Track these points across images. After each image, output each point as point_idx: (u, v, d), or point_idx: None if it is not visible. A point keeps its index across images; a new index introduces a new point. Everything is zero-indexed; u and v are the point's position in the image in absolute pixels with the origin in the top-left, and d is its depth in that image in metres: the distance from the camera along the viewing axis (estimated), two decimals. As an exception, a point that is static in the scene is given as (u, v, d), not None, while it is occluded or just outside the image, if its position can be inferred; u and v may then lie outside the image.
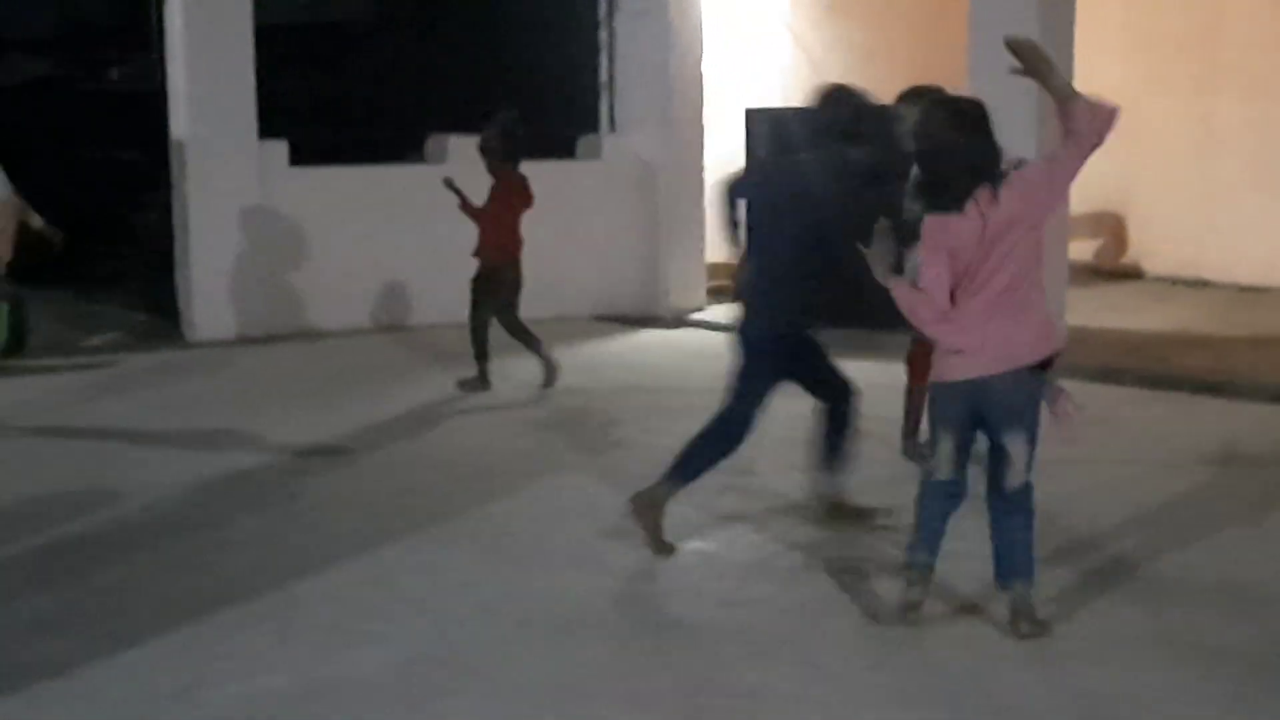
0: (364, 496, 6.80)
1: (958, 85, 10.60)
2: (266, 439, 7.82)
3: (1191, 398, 8.54)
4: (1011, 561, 4.98)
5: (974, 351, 4.86)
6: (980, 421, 4.93)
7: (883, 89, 12.73)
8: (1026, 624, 4.91)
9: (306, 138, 11.07)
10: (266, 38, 10.84)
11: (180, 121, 10.70)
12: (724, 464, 7.16)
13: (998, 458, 4.93)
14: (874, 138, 5.38)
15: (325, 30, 11.57)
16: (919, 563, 5.05)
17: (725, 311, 11.80)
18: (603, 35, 12.04)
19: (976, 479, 5.10)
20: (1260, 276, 12.15)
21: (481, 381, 8.83)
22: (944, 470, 5.00)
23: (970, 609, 5.18)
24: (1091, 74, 10.68)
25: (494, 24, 11.36)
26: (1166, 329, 10.49)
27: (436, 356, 9.75)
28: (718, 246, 12.14)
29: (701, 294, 12.17)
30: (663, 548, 5.76)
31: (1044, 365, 4.88)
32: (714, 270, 12.36)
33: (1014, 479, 4.90)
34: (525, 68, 11.25)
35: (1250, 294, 12.05)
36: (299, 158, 10.96)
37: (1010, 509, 4.96)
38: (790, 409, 8.46)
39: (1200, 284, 12.07)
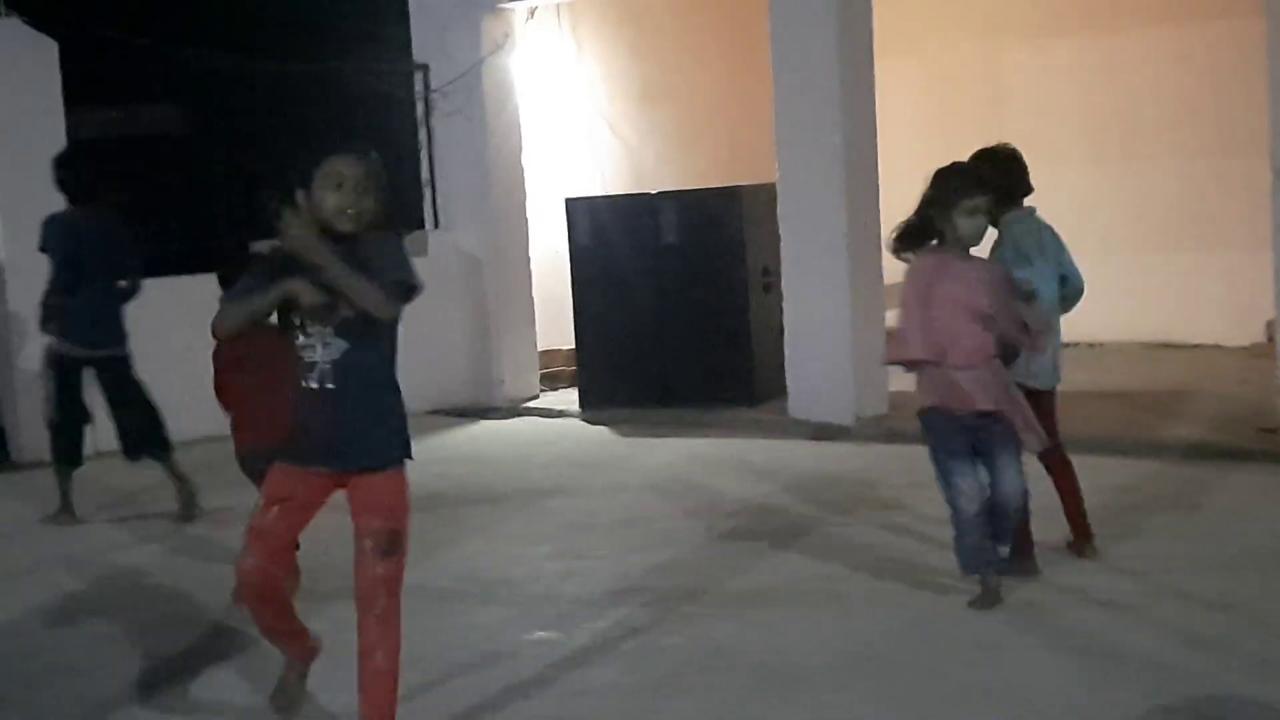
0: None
1: (764, 171, 11.01)
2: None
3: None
4: None
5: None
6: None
7: (694, 175, 13.20)
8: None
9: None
10: (80, 152, 10.77)
11: (-2, 241, 10.57)
12: (567, 548, 7.31)
13: None
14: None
15: (138, 143, 11.55)
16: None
17: (559, 398, 12.01)
18: (421, 135, 12.21)
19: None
20: (1065, 333, 12.69)
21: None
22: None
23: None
24: (895, 149, 11.23)
25: (311, 130, 11.44)
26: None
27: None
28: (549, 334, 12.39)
29: (535, 382, 12.32)
30: None
31: None
32: (546, 358, 12.55)
33: None
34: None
35: (1081, 349, 12.63)
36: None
37: None
38: (628, 490, 8.66)
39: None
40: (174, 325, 11.02)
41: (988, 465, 5.92)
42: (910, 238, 5.90)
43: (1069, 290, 6.65)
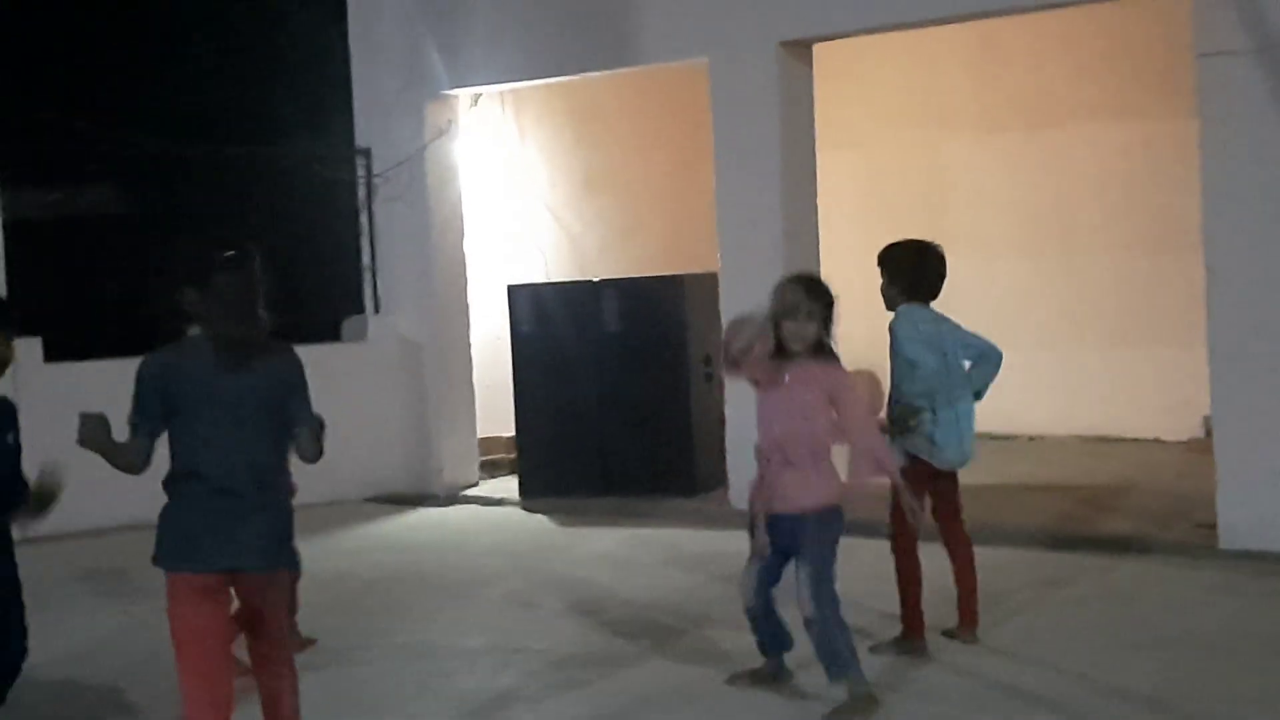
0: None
1: (706, 260, 11.04)
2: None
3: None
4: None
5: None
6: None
7: (637, 263, 13.23)
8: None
9: (62, 333, 10.86)
10: (15, 234, 10.69)
11: (-73, 321, 10.38)
12: (503, 640, 7.21)
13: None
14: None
15: (77, 224, 11.45)
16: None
17: (499, 485, 11.90)
18: (363, 219, 12.17)
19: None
20: (1004, 425, 12.84)
21: None
22: None
23: None
24: (835, 239, 11.29)
25: (252, 210, 11.39)
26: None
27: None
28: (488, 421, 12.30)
29: (474, 469, 12.21)
30: None
31: None
32: (486, 445, 12.45)
33: None
34: (285, 253, 11.27)
35: (997, 441, 12.73)
36: (54, 353, 10.74)
37: None
38: (566, 580, 8.56)
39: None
40: (114, 407, 10.87)
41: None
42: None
43: (985, 362, 6.77)
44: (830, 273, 10.01)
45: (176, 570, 4.64)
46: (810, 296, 5.90)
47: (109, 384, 10.92)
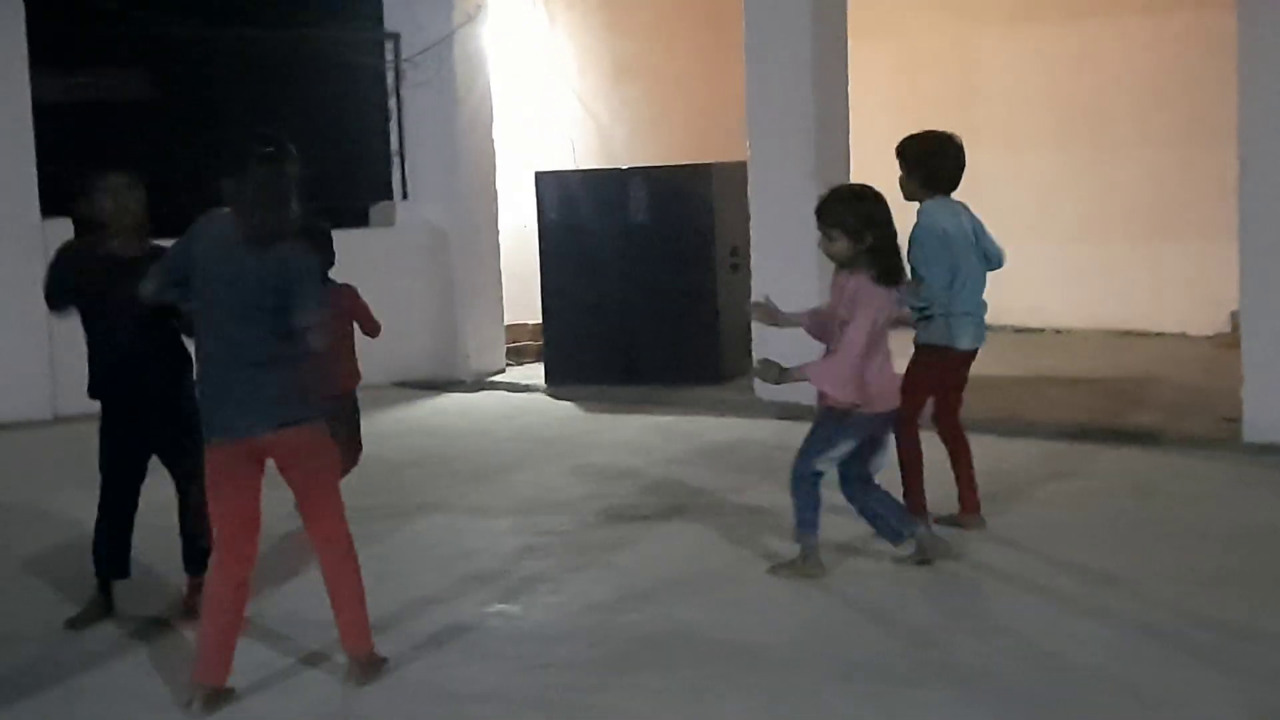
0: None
1: (735, 149, 11.00)
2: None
3: (979, 437, 8.82)
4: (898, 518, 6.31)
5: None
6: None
7: (665, 152, 13.18)
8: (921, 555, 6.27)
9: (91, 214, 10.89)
10: (45, 116, 10.70)
11: (-40, 202, 10.47)
12: (527, 523, 7.32)
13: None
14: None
15: (105, 107, 11.43)
16: (812, 541, 6.20)
17: (525, 373, 11.97)
18: (391, 105, 12.13)
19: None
20: (1030, 319, 12.84)
21: None
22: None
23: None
24: (865, 126, 11.20)
25: (280, 96, 11.36)
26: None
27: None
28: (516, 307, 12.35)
29: (501, 356, 12.28)
30: None
31: None
32: (512, 332, 12.51)
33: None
34: (314, 139, 11.26)
35: (1023, 335, 12.75)
36: (84, 234, 10.78)
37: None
38: (590, 466, 8.66)
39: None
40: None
41: None
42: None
43: (990, 266, 6.98)
44: (860, 163, 10.08)
45: (208, 442, 5.05)
46: (819, 220, 6.11)
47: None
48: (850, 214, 6.05)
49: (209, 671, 5.01)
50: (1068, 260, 12.80)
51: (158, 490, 6.10)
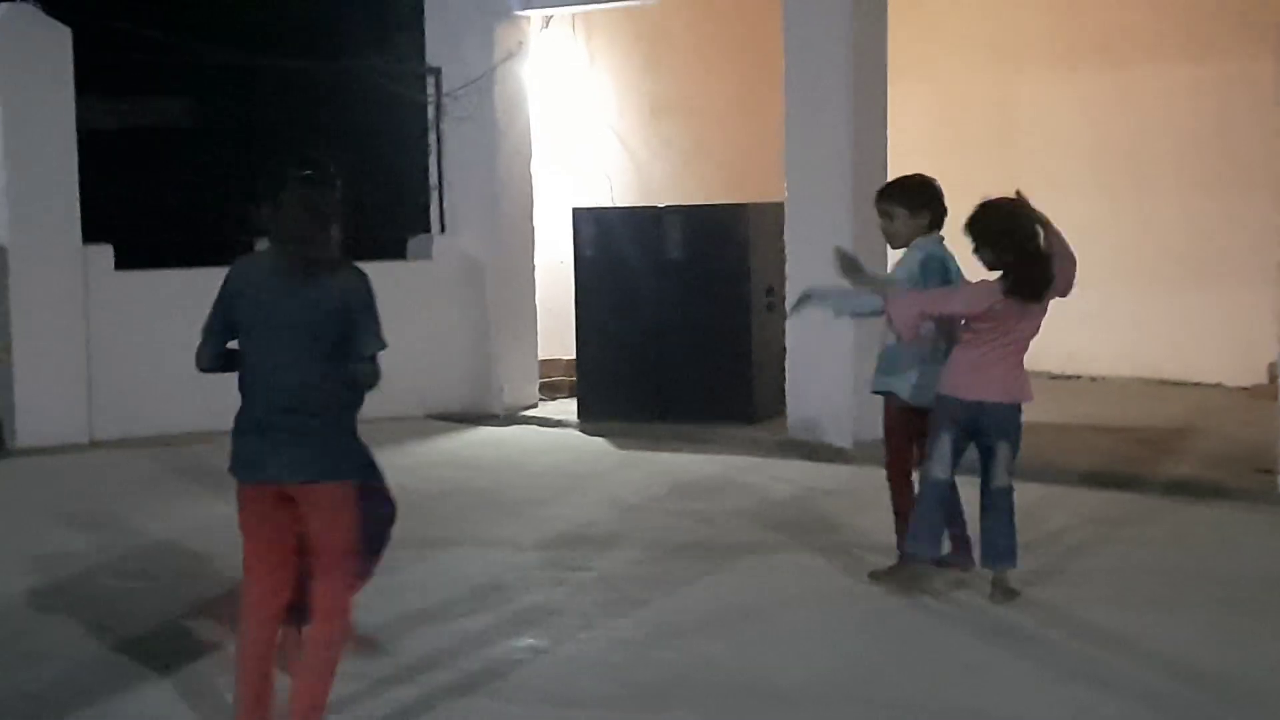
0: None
1: (772, 189, 11.01)
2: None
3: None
4: (995, 547, 6.37)
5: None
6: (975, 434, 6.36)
7: (702, 190, 13.21)
8: (1000, 594, 6.33)
9: (131, 241, 11.01)
10: (89, 143, 10.80)
11: (3, 227, 10.56)
12: (558, 558, 7.31)
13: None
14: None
15: (148, 135, 11.54)
16: (922, 553, 6.31)
17: (558, 408, 11.98)
18: (431, 138, 12.20)
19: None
20: (1067, 365, 12.77)
21: None
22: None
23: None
24: (903, 168, 11.14)
25: (321, 127, 11.45)
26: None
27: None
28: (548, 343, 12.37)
29: (534, 391, 12.30)
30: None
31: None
32: (546, 367, 12.53)
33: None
34: (354, 170, 11.35)
35: (1058, 381, 12.69)
36: (124, 261, 10.90)
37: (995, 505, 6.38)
38: (622, 502, 8.65)
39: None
40: (182, 316, 11.04)
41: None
42: None
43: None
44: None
45: (237, 479, 4.78)
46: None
47: (175, 292, 11.23)
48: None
49: None
50: (1105, 306, 12.74)
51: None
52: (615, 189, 13.21)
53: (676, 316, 11.20)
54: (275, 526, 4.77)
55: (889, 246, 7.11)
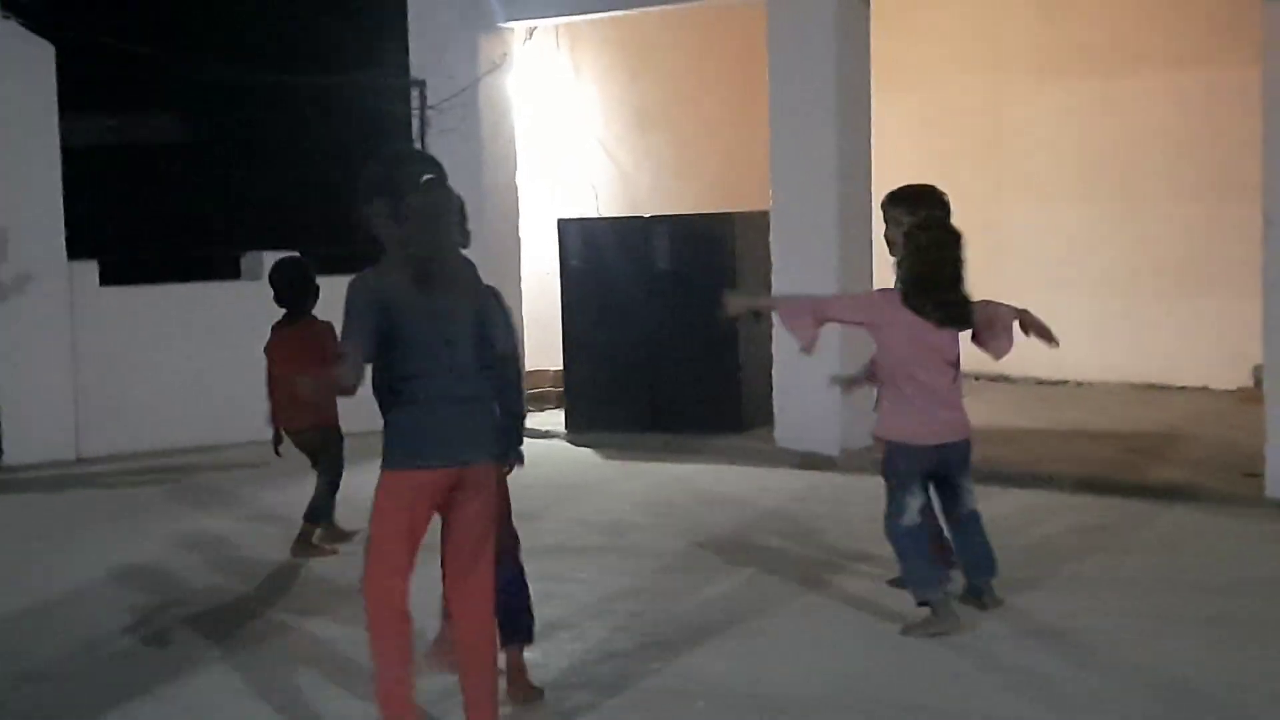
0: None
1: (758, 199, 11.03)
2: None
3: (1003, 490, 8.78)
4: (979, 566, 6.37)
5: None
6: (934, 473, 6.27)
7: (688, 200, 13.21)
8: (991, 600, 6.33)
9: (117, 257, 10.99)
10: (74, 159, 10.79)
11: (-14, 243, 10.55)
12: (548, 569, 7.29)
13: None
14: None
15: (133, 150, 11.53)
16: (933, 596, 6.08)
17: (546, 419, 11.96)
18: (416, 151, 12.18)
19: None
20: (1053, 371, 12.79)
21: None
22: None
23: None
24: (888, 178, 11.18)
25: (306, 141, 11.44)
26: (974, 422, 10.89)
27: (252, 476, 9.66)
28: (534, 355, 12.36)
29: (521, 403, 12.26)
30: None
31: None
32: (534, 379, 12.51)
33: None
34: (338, 185, 11.34)
35: (1045, 387, 12.71)
36: (109, 277, 10.88)
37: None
38: (610, 514, 8.64)
39: (1001, 379, 12.59)
40: (167, 332, 11.04)
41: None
42: None
43: None
44: (881, 216, 10.07)
45: (409, 468, 4.80)
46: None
47: (161, 308, 11.21)
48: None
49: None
50: (1092, 313, 12.77)
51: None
52: (601, 199, 13.23)
53: (664, 326, 11.20)
54: (426, 518, 4.90)
55: (889, 254, 6.91)
